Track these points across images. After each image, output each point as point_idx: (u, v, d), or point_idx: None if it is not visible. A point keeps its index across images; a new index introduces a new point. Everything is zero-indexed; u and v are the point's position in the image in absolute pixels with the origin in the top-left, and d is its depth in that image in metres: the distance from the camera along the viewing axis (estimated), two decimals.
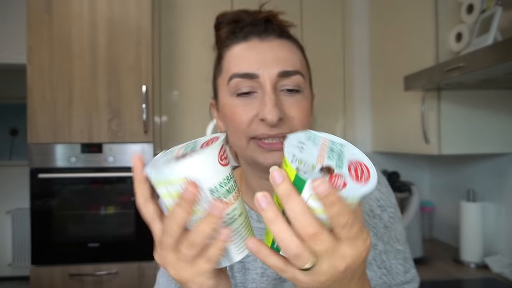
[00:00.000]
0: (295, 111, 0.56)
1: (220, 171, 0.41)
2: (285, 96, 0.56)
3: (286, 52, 0.57)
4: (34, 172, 1.93)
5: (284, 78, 0.56)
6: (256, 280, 0.62)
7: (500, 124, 1.59)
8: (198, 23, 2.29)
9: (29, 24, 1.94)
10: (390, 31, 2.01)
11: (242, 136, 0.57)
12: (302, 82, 0.57)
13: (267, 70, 0.55)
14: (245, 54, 0.57)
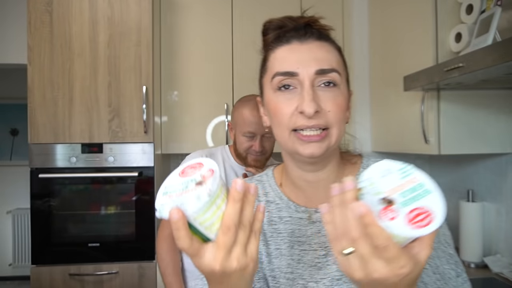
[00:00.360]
0: (331, 105, 0.62)
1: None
2: (322, 91, 0.62)
3: (323, 53, 0.63)
4: (35, 172, 1.94)
5: (321, 75, 0.62)
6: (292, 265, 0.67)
7: (499, 124, 1.59)
8: (198, 22, 2.29)
9: (29, 24, 1.94)
10: (389, 31, 2.01)
11: (285, 128, 0.63)
12: (338, 78, 0.63)
13: (305, 68, 0.62)
14: (287, 55, 0.64)
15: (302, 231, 0.68)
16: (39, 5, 1.95)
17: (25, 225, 4.02)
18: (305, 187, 0.70)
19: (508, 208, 1.63)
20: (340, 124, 0.63)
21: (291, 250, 0.67)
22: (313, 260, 0.66)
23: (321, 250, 0.66)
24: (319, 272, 0.65)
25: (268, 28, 0.73)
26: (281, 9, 2.33)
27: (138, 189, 1.98)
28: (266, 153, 1.43)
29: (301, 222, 0.68)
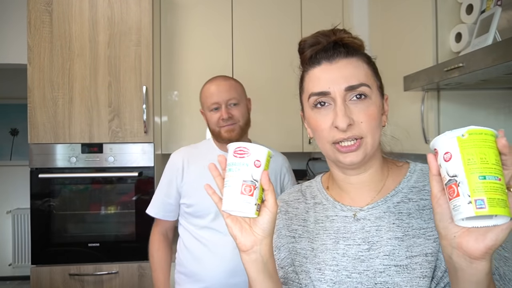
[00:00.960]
0: (363, 116, 0.68)
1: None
2: (353, 105, 0.69)
3: (351, 69, 0.70)
4: (35, 172, 1.94)
5: (351, 91, 0.69)
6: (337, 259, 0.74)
7: (499, 124, 1.59)
8: (198, 22, 2.29)
9: (29, 24, 1.94)
10: (389, 31, 2.01)
11: (325, 142, 0.71)
12: (368, 90, 0.70)
13: (336, 86, 0.69)
14: (319, 76, 0.72)
15: (347, 228, 0.74)
16: (39, 5, 1.95)
17: (25, 225, 4.02)
18: (350, 189, 0.77)
19: None
20: (374, 132, 0.70)
21: (337, 245, 0.74)
22: (357, 254, 0.72)
23: (364, 245, 0.72)
24: (362, 264, 0.70)
25: (303, 47, 0.79)
26: (281, 9, 2.34)
27: (138, 189, 1.98)
28: (237, 121, 1.42)
29: (346, 220, 0.75)
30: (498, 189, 0.48)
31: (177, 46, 2.27)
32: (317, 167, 2.66)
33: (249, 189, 0.62)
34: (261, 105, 2.32)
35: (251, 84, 2.34)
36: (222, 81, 1.45)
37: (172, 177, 1.49)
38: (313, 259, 0.75)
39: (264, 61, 2.30)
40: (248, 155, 0.63)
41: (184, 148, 1.55)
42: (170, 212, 1.52)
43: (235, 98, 1.42)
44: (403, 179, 0.75)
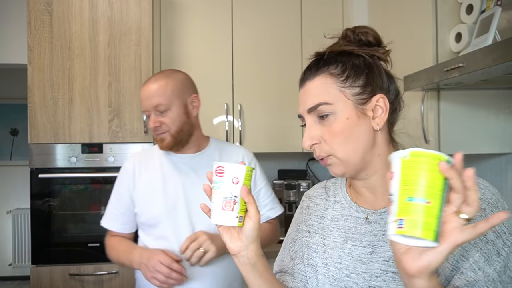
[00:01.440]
0: (325, 135, 0.72)
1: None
2: (319, 124, 0.72)
3: (313, 90, 0.73)
4: (35, 172, 1.94)
5: (313, 111, 0.72)
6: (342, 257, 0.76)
7: (499, 124, 1.59)
8: (198, 22, 2.29)
9: (29, 24, 1.94)
10: (389, 31, 2.01)
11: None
12: (328, 108, 0.71)
13: (303, 110, 0.74)
14: (298, 100, 0.77)
15: (357, 229, 0.76)
16: (39, 5, 1.95)
17: (25, 225, 4.02)
18: (363, 192, 0.78)
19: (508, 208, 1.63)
20: (344, 146, 0.71)
21: (345, 244, 0.76)
22: (360, 255, 0.73)
23: (369, 247, 0.73)
24: (362, 266, 0.72)
25: None
26: (282, 10, 2.34)
27: None
28: (168, 129, 1.27)
29: (358, 221, 0.77)
30: (424, 212, 0.49)
31: (177, 46, 2.27)
32: (317, 167, 2.66)
33: (229, 205, 0.69)
34: (261, 105, 2.32)
35: (251, 84, 2.34)
36: (151, 84, 1.27)
37: (124, 186, 1.36)
38: (323, 254, 0.79)
39: (264, 61, 2.30)
40: (225, 174, 0.70)
41: (137, 153, 1.45)
42: (126, 224, 1.38)
43: (162, 105, 1.25)
44: None
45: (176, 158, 1.35)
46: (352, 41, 0.76)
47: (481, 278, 0.61)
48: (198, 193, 1.24)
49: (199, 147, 1.37)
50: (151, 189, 1.32)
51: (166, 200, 1.30)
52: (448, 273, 0.63)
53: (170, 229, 1.28)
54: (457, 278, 0.61)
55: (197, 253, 1.17)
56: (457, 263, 0.63)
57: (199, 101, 1.36)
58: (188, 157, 1.35)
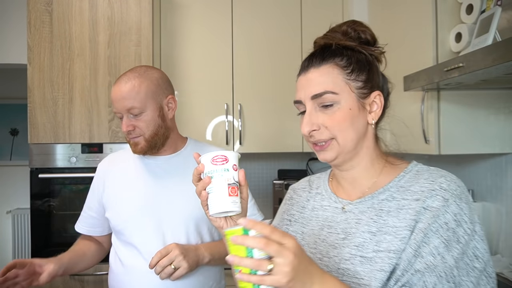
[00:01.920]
0: (327, 122, 0.75)
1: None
2: (321, 112, 0.76)
3: (319, 78, 0.76)
4: (35, 172, 1.94)
5: (317, 98, 0.75)
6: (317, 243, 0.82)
7: (499, 124, 1.59)
8: (198, 22, 2.29)
9: (29, 24, 1.94)
10: (389, 31, 2.01)
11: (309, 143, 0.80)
12: (333, 97, 0.75)
13: (304, 96, 0.77)
14: (297, 86, 0.80)
15: (334, 217, 0.82)
16: (39, 5, 1.95)
17: (25, 225, 4.02)
18: (344, 183, 0.84)
19: (508, 208, 1.63)
20: (344, 133, 0.75)
21: (321, 231, 0.82)
22: (333, 241, 0.78)
23: (342, 234, 0.78)
24: (334, 250, 0.77)
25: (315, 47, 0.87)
26: (281, 10, 2.34)
27: None
28: (141, 133, 1.19)
29: (335, 211, 0.82)
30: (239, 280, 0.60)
31: (177, 46, 2.28)
32: (317, 167, 2.66)
33: (234, 190, 0.72)
34: (261, 105, 2.32)
35: (251, 84, 2.34)
36: (122, 85, 1.17)
37: (94, 189, 1.32)
38: (300, 241, 0.84)
39: (264, 61, 2.30)
40: (227, 161, 0.73)
41: (110, 155, 1.38)
42: (94, 227, 1.34)
43: (136, 108, 1.16)
44: (395, 178, 0.77)
45: (149, 160, 1.28)
46: (353, 37, 0.80)
47: (439, 264, 0.64)
48: (170, 197, 1.23)
49: (175, 149, 1.30)
50: (120, 193, 1.26)
51: (134, 205, 1.23)
52: (410, 257, 0.66)
53: (137, 235, 1.21)
54: (417, 262, 0.65)
55: (166, 270, 1.10)
56: (419, 248, 0.66)
57: (176, 102, 1.28)
58: (162, 159, 1.27)
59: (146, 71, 1.22)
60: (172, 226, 1.21)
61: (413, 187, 0.73)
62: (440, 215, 0.67)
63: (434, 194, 0.69)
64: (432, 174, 0.73)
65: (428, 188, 0.70)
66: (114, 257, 1.29)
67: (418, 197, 0.70)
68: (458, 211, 0.67)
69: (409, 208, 0.70)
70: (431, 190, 0.69)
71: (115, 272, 1.27)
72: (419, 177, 0.74)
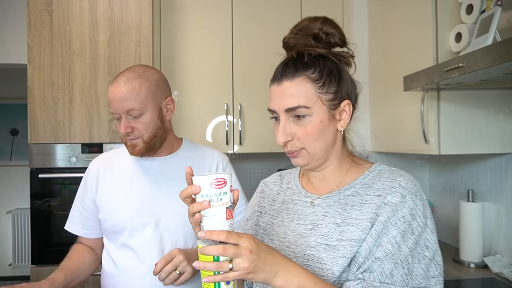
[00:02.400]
0: (300, 133, 0.80)
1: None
2: (294, 123, 0.80)
3: (292, 91, 0.79)
4: (35, 172, 1.94)
5: (290, 111, 0.79)
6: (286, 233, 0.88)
7: (499, 124, 1.59)
8: (198, 22, 2.29)
9: (29, 24, 1.94)
10: (389, 31, 2.01)
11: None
12: (306, 111, 0.79)
13: (279, 107, 0.81)
14: (271, 95, 0.83)
15: (303, 211, 0.88)
16: (39, 5, 1.95)
17: (25, 225, 4.02)
18: (314, 181, 0.90)
19: (508, 208, 1.63)
20: (313, 143, 0.80)
21: (291, 223, 0.88)
22: (301, 231, 0.85)
23: (310, 225, 0.85)
24: (301, 239, 0.84)
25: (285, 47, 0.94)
26: (282, 10, 2.34)
27: None
28: (140, 135, 1.17)
29: (305, 204, 0.89)
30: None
31: (177, 46, 2.28)
32: None
33: (231, 213, 0.72)
34: (261, 105, 2.32)
35: (251, 84, 2.34)
36: (121, 86, 1.15)
37: (87, 190, 1.28)
38: (270, 231, 0.91)
39: (264, 61, 2.30)
40: (225, 185, 0.71)
41: (103, 155, 1.34)
42: (92, 229, 1.30)
43: (135, 110, 1.14)
44: (360, 177, 0.85)
45: (145, 161, 1.26)
46: (323, 42, 0.83)
47: (396, 252, 0.73)
48: (167, 198, 1.21)
49: (171, 150, 1.28)
50: (115, 193, 1.23)
51: (130, 205, 1.21)
52: (371, 246, 0.74)
53: (133, 237, 1.19)
54: (378, 250, 0.74)
55: (172, 276, 1.09)
56: (379, 238, 0.74)
57: (174, 103, 1.26)
58: (159, 161, 1.25)
59: (145, 71, 1.20)
60: (169, 228, 1.20)
61: (375, 184, 0.81)
62: (398, 209, 0.75)
63: (394, 191, 0.77)
64: (392, 173, 0.82)
65: (388, 185, 0.79)
66: (107, 259, 1.27)
67: (380, 193, 0.79)
68: (413, 206, 0.76)
69: (371, 203, 0.78)
70: (391, 188, 0.78)
71: (108, 274, 1.25)
72: (381, 176, 0.82)
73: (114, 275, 1.22)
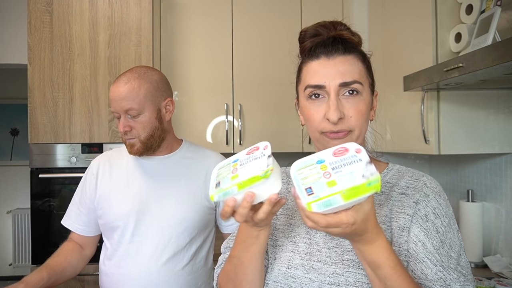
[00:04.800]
0: (353, 111, 0.74)
1: None
2: (345, 100, 0.75)
3: (347, 66, 0.75)
4: (35, 172, 1.94)
5: (345, 87, 0.74)
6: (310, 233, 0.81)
7: (499, 124, 1.59)
8: (198, 23, 2.29)
9: (29, 24, 1.94)
10: (390, 31, 2.01)
11: (315, 130, 0.77)
12: (360, 88, 0.75)
13: (331, 81, 0.74)
14: (316, 70, 0.76)
15: None
16: (39, 5, 1.95)
17: (25, 225, 4.02)
18: None
19: (508, 208, 1.63)
20: (362, 127, 0.76)
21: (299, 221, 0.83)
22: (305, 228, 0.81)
23: None
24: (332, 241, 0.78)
25: (304, 37, 0.83)
26: (282, 9, 2.34)
27: None
28: (137, 135, 1.19)
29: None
30: None
31: (177, 46, 2.28)
32: None
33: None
34: (261, 105, 2.32)
35: (251, 84, 2.34)
36: (122, 86, 1.17)
37: (86, 187, 1.30)
38: (290, 233, 0.83)
39: (264, 61, 2.30)
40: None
41: (104, 154, 1.36)
42: (87, 226, 1.32)
43: (134, 109, 1.16)
44: (381, 174, 0.83)
45: (144, 160, 1.28)
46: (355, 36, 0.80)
47: (421, 250, 0.72)
48: (162, 196, 1.23)
49: (171, 150, 1.30)
50: (113, 190, 1.25)
51: (127, 203, 1.22)
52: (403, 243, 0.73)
53: (130, 234, 1.21)
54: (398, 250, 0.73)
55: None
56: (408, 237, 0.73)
57: (174, 105, 1.28)
58: (157, 160, 1.27)
59: (146, 72, 1.22)
60: (162, 227, 1.21)
61: (400, 182, 0.80)
62: (421, 208, 0.75)
63: (419, 190, 0.77)
64: (414, 173, 0.81)
65: (413, 185, 0.78)
66: (103, 257, 1.28)
67: (404, 191, 0.78)
68: (437, 206, 0.76)
69: (397, 200, 0.77)
70: (415, 187, 0.77)
71: (104, 272, 1.26)
72: (403, 175, 0.81)
73: (109, 272, 1.24)
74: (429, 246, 0.72)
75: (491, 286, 1.37)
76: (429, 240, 0.72)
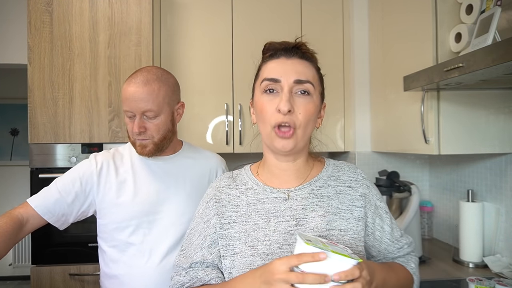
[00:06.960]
0: (302, 109, 0.81)
1: None
2: (297, 97, 0.82)
3: (303, 68, 0.83)
4: (35, 172, 1.94)
5: (298, 84, 0.81)
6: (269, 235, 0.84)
7: (499, 124, 1.59)
8: (198, 23, 2.29)
9: (29, 24, 1.94)
10: (389, 31, 2.01)
11: (267, 125, 0.83)
12: (312, 89, 0.82)
13: (287, 77, 0.82)
14: (274, 66, 0.85)
15: (277, 208, 0.87)
16: (39, 5, 1.95)
17: None
18: (280, 174, 0.90)
19: (508, 208, 1.63)
20: (306, 127, 0.82)
21: (268, 223, 0.85)
22: (286, 229, 0.84)
23: (293, 221, 0.85)
24: (291, 237, 0.83)
25: (268, 48, 0.92)
26: (282, 10, 2.34)
27: None
28: (151, 136, 1.19)
29: (276, 201, 0.87)
30: None
31: (177, 46, 2.28)
32: None
33: None
34: None
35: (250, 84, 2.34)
36: (140, 87, 1.15)
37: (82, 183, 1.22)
38: (246, 238, 0.85)
39: None
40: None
41: (106, 153, 1.30)
42: (52, 214, 1.18)
43: (152, 111, 1.16)
44: (323, 170, 0.92)
45: (150, 160, 1.28)
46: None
47: (383, 234, 0.91)
48: (170, 195, 1.24)
49: (174, 150, 1.32)
50: (121, 190, 1.23)
51: (138, 203, 1.22)
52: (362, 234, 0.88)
53: (138, 234, 1.20)
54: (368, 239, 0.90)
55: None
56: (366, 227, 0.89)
57: (184, 108, 1.32)
58: (163, 160, 1.28)
59: (163, 74, 1.24)
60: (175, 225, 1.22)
61: (342, 176, 0.91)
62: (370, 200, 0.90)
63: (361, 184, 0.90)
64: (348, 165, 0.94)
65: (354, 178, 0.91)
66: (104, 259, 1.26)
67: (350, 185, 0.89)
68: (376, 192, 0.93)
69: (346, 194, 0.88)
70: (356, 180, 0.90)
71: (110, 275, 1.24)
72: (340, 169, 0.93)
73: (117, 274, 1.22)
74: (386, 228, 0.91)
75: (491, 286, 1.37)
76: (384, 223, 0.91)
